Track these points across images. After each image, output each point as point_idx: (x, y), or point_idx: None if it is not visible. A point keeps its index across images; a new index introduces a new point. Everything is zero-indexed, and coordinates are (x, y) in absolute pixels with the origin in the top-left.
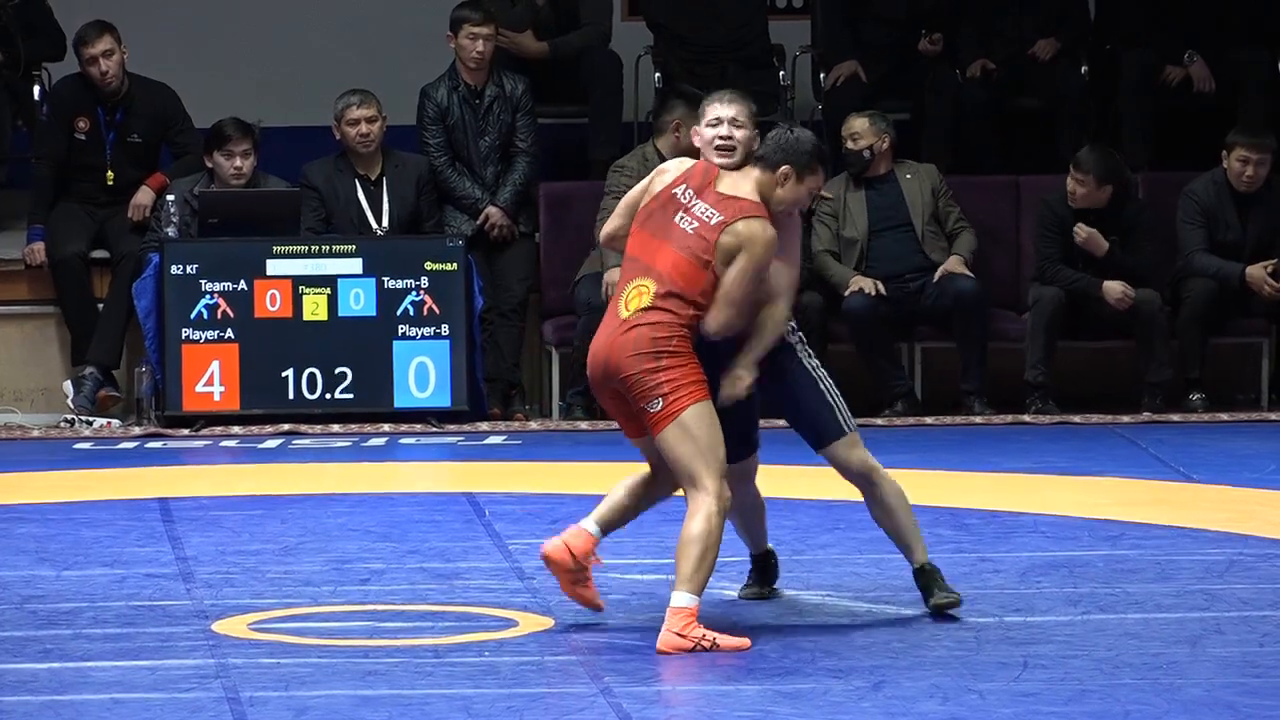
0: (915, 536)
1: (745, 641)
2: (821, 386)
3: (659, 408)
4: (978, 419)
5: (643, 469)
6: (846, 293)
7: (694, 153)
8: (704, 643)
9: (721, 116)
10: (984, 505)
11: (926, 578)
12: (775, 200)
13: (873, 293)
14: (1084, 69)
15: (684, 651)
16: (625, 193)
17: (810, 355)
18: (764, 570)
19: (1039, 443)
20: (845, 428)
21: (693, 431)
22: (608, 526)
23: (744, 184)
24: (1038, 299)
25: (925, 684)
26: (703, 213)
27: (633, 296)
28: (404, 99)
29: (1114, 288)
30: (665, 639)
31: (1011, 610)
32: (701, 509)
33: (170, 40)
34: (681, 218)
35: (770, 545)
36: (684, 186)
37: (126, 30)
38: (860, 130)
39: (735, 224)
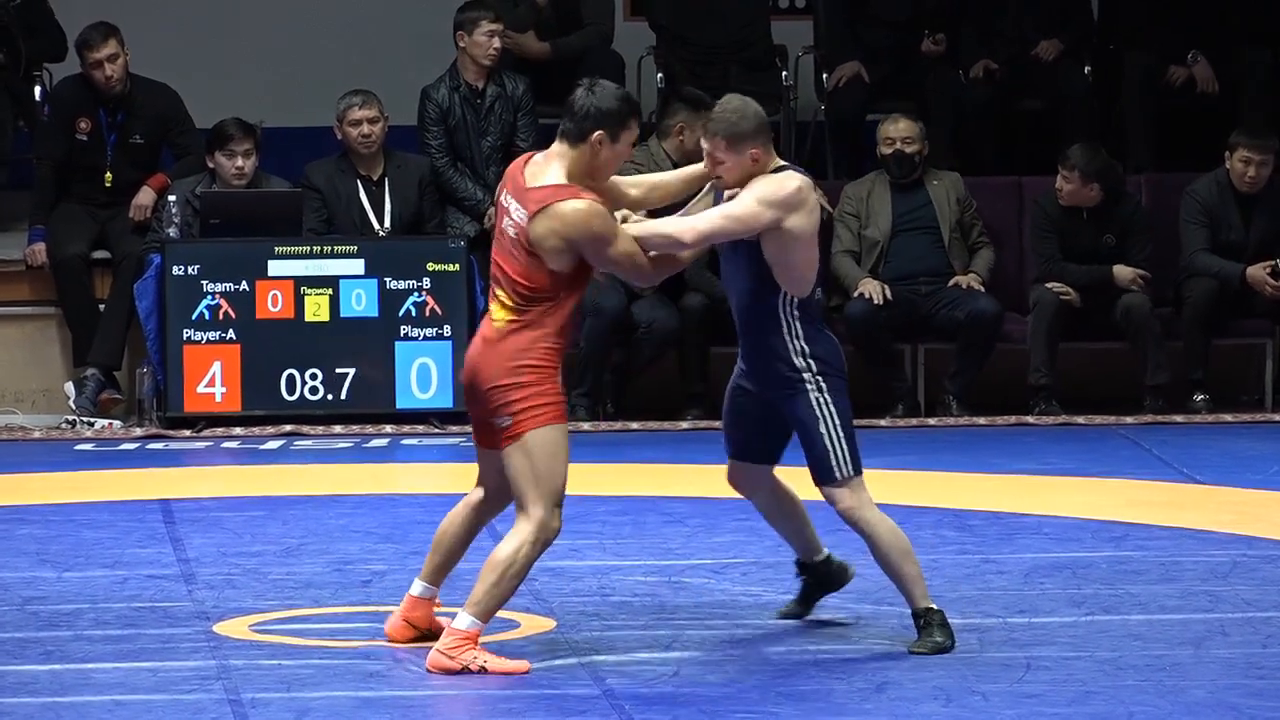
0: (913, 582)
1: (522, 665)
2: (823, 427)
3: (507, 424)
4: (981, 420)
5: (458, 510)
6: (854, 294)
7: (698, 155)
8: (472, 666)
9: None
10: (987, 506)
11: (922, 622)
12: (599, 170)
13: (879, 300)
14: (1087, 70)
15: (450, 672)
16: None
17: (823, 390)
18: (807, 584)
19: (1042, 444)
20: (838, 474)
21: (533, 455)
22: (439, 576)
23: (549, 169)
24: (1038, 301)
25: (928, 685)
26: (516, 213)
27: (495, 307)
28: (405, 100)
29: (1125, 272)
30: (433, 657)
31: (1015, 611)
32: (517, 535)
33: (171, 40)
34: (505, 222)
35: (824, 553)
36: (503, 191)
37: (127, 30)
38: (911, 134)
39: (536, 220)
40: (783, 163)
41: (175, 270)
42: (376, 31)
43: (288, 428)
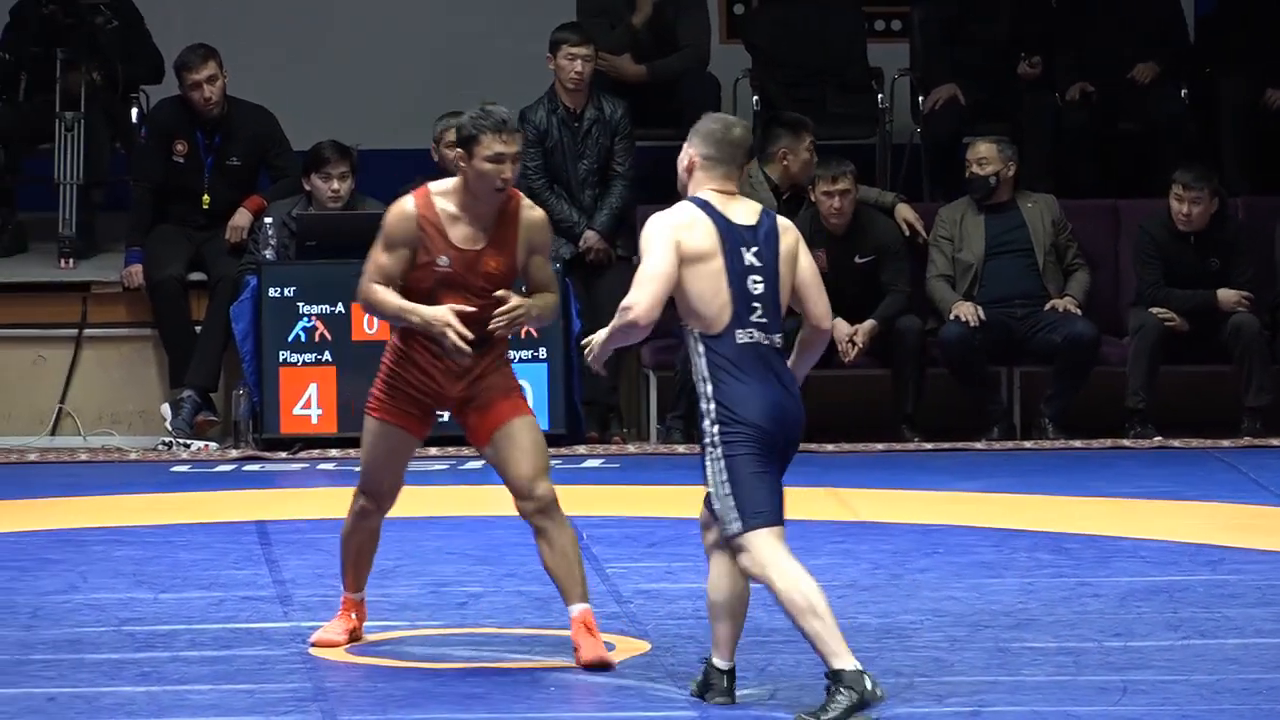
0: (817, 640)
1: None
2: (713, 488)
3: None
4: (1077, 443)
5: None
6: (951, 316)
7: (800, 179)
8: None
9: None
10: (1084, 530)
11: (828, 685)
12: (472, 187)
13: (974, 322)
14: (1183, 92)
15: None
16: None
17: (716, 446)
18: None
19: (1139, 467)
20: (730, 529)
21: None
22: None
23: None
24: (1141, 326)
25: (1024, 709)
26: None
27: None
28: None
29: (1229, 295)
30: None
31: (1111, 635)
32: None
33: (269, 63)
34: None
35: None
36: None
37: (224, 53)
38: (987, 156)
39: None
40: (698, 197)
41: (271, 292)
42: (474, 54)
43: None
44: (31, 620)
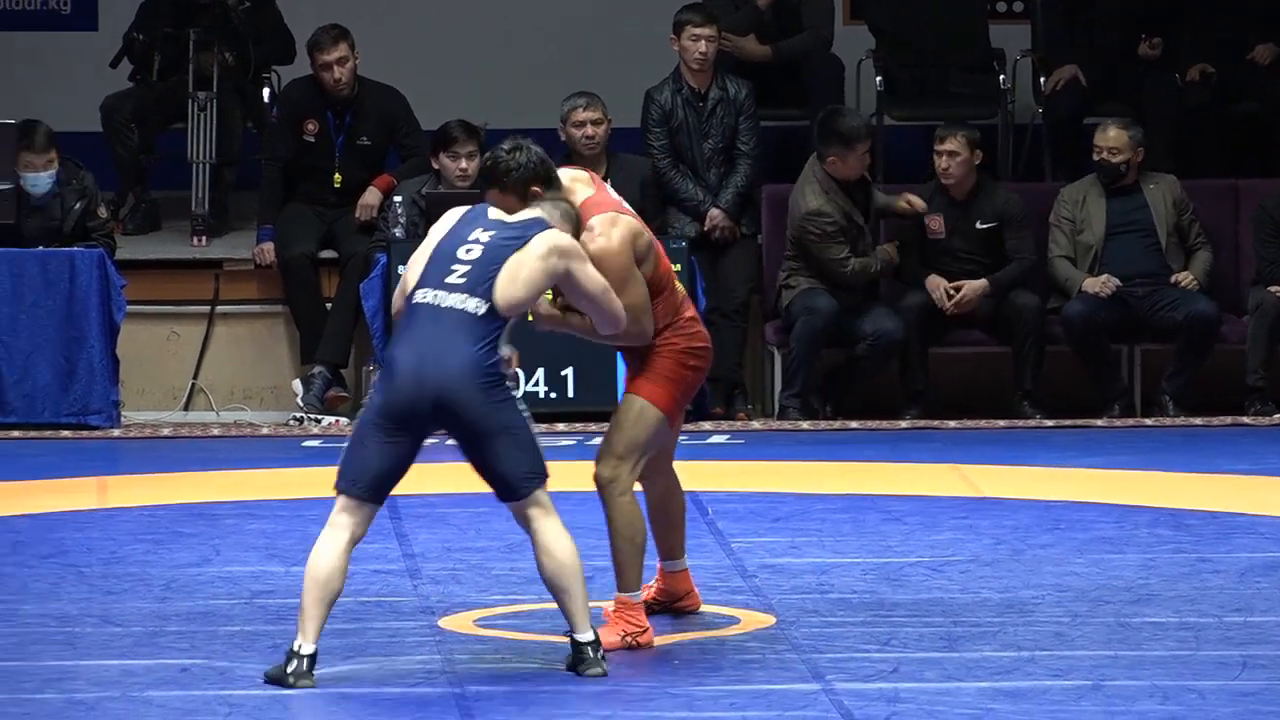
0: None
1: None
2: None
3: None
4: (1197, 420)
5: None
6: (1080, 290)
7: (853, 176)
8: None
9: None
10: (1203, 506)
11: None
12: None
13: (1106, 294)
14: None
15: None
16: None
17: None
18: None
19: (1258, 444)
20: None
21: None
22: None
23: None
24: (1260, 304)
25: (1145, 683)
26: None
27: None
28: (628, 102)
29: None
30: None
31: (1231, 610)
32: None
33: (398, 43)
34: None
35: None
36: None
37: (354, 33)
38: (1118, 144)
39: None
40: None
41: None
42: (600, 33)
43: None
44: (165, 592)
